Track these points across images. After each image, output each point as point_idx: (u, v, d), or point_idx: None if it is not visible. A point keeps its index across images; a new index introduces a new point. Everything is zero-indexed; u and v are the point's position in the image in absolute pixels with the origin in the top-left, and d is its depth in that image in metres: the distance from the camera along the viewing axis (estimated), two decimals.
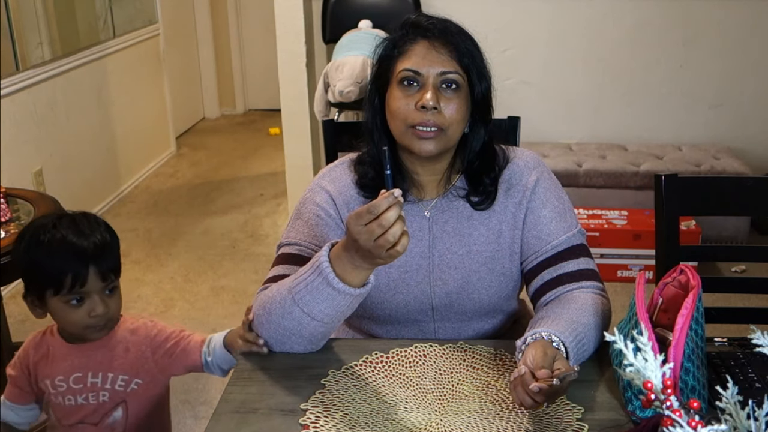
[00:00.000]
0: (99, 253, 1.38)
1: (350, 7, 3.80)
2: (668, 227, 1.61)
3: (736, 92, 3.89)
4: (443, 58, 1.34)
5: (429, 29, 1.36)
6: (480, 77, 1.37)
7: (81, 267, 1.36)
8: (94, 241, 1.38)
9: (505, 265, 1.45)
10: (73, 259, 1.36)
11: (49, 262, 1.36)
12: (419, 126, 1.33)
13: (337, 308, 1.25)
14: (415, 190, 1.45)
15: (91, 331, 1.41)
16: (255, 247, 3.76)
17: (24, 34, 3.40)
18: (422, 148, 1.35)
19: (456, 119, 1.35)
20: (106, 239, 1.41)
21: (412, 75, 1.34)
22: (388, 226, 1.12)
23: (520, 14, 3.85)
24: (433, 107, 1.32)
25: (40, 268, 1.37)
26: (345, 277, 1.21)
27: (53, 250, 1.36)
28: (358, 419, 1.18)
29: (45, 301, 1.39)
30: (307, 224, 1.43)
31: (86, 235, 1.38)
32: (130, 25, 4.51)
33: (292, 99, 3.67)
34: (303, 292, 1.24)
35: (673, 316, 1.17)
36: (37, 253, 1.38)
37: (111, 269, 1.40)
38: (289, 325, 1.29)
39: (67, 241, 1.37)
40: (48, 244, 1.37)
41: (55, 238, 1.37)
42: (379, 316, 1.47)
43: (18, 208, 2.34)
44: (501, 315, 1.51)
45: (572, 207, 1.49)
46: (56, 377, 1.44)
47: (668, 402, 0.85)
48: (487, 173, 1.43)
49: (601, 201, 3.52)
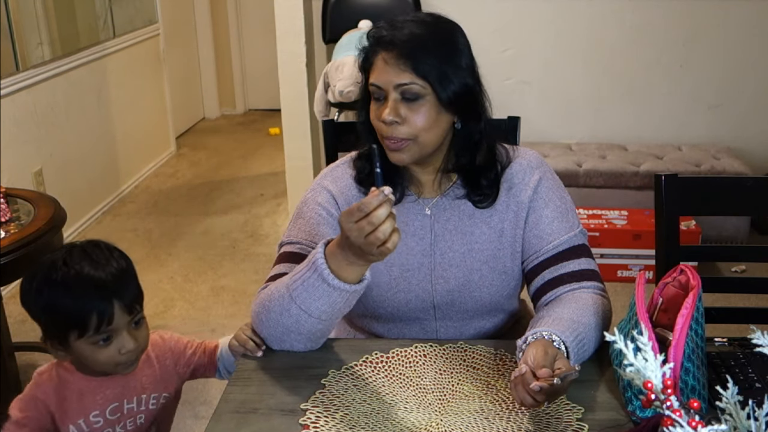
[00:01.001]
0: (120, 284, 1.27)
1: (350, 7, 3.80)
2: (668, 227, 1.61)
3: (736, 92, 3.89)
4: (398, 70, 1.32)
5: (387, 42, 1.33)
6: (444, 82, 1.32)
7: (105, 304, 1.25)
8: (111, 271, 1.27)
9: (506, 264, 1.45)
10: (94, 296, 1.25)
11: (68, 302, 1.24)
12: (386, 139, 1.35)
13: (334, 305, 1.25)
14: (415, 188, 1.46)
15: (123, 367, 1.31)
16: (255, 247, 3.76)
17: (24, 34, 3.40)
18: (395, 158, 1.37)
19: (423, 127, 1.33)
20: (123, 266, 1.30)
21: (376, 89, 1.35)
22: (378, 224, 1.13)
23: (520, 14, 3.85)
24: (392, 121, 1.32)
25: (60, 311, 1.25)
26: (340, 273, 1.21)
27: (71, 289, 1.25)
28: (358, 419, 1.18)
29: (68, 344, 1.28)
30: (308, 223, 1.43)
31: (102, 265, 1.27)
32: (130, 25, 4.51)
33: (292, 99, 3.67)
34: (300, 289, 1.25)
35: (673, 316, 1.17)
36: (53, 294, 1.25)
37: (135, 299, 1.30)
38: (288, 323, 1.29)
39: (84, 277, 1.25)
40: (64, 282, 1.25)
41: (70, 274, 1.25)
42: (381, 315, 1.47)
43: (18, 208, 2.34)
44: (502, 314, 1.51)
45: (574, 207, 1.49)
46: (91, 414, 1.34)
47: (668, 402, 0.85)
48: (483, 173, 1.43)
49: (601, 201, 3.52)
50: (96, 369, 1.32)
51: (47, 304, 1.26)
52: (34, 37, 3.51)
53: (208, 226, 4.04)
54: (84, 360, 1.30)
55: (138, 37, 4.62)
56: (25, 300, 1.29)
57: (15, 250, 2.10)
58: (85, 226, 3.94)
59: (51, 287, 1.25)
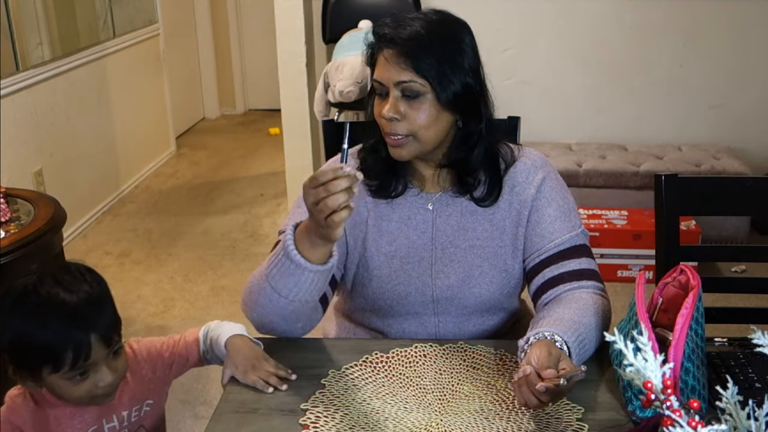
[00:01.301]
0: (96, 313, 1.18)
1: (350, 7, 3.80)
2: (668, 227, 1.61)
3: (736, 92, 3.88)
4: (399, 67, 1.33)
5: (389, 39, 1.34)
6: (444, 82, 1.33)
7: (81, 336, 1.15)
8: (86, 299, 1.17)
9: (507, 262, 1.45)
10: (69, 328, 1.15)
11: (41, 335, 1.14)
12: (387, 135, 1.36)
13: (299, 284, 1.26)
14: (418, 183, 1.47)
15: (101, 399, 1.23)
16: (255, 247, 3.76)
17: (24, 34, 3.40)
18: (394, 153, 1.38)
19: (424, 125, 1.34)
20: (98, 292, 1.20)
21: (379, 85, 1.37)
22: (333, 192, 1.15)
23: (520, 14, 3.85)
24: (392, 117, 1.34)
25: (31, 344, 1.15)
26: (304, 253, 1.24)
27: (44, 320, 1.14)
28: (358, 419, 1.18)
29: (40, 378, 1.18)
30: (306, 213, 1.44)
31: (76, 292, 1.17)
32: (130, 25, 4.51)
33: (292, 99, 3.67)
34: (272, 268, 1.28)
35: (673, 316, 1.17)
36: (23, 326, 1.15)
37: (113, 329, 1.21)
38: (263, 302, 1.31)
39: (57, 306, 1.15)
40: (35, 313, 1.14)
41: (42, 304, 1.15)
42: (381, 307, 1.47)
43: (18, 208, 2.34)
44: (502, 313, 1.51)
45: (576, 208, 1.49)
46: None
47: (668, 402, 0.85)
48: (476, 172, 1.43)
49: (601, 201, 3.52)
50: (71, 402, 1.24)
51: (17, 336, 1.16)
52: (34, 37, 3.51)
53: (208, 226, 4.04)
54: (58, 394, 1.22)
55: (138, 37, 4.62)
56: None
57: (15, 250, 2.09)
58: (85, 226, 3.94)
59: (21, 318, 1.15)
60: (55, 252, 2.31)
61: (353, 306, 1.51)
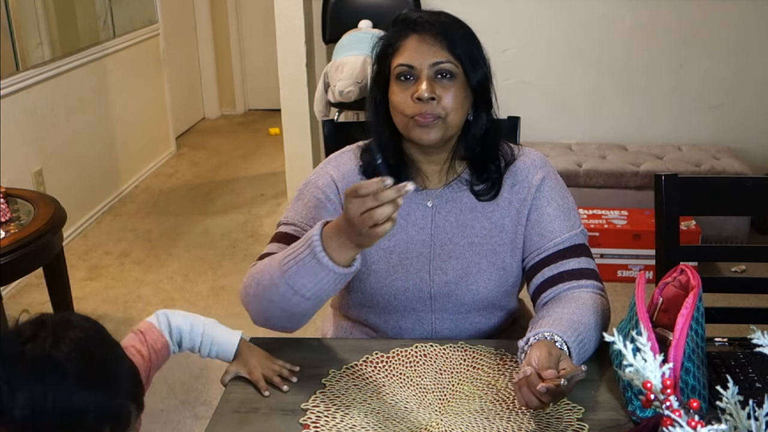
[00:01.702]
0: (137, 384, 1.06)
1: (350, 7, 3.80)
2: (668, 227, 1.61)
3: (736, 92, 3.88)
4: (434, 48, 1.36)
5: (418, 23, 1.39)
6: (474, 64, 1.39)
7: (127, 408, 1.01)
8: (130, 367, 1.04)
9: (505, 260, 1.46)
10: (113, 399, 1.00)
11: (86, 406, 0.97)
12: (418, 115, 1.36)
13: (320, 284, 1.24)
14: (420, 180, 1.47)
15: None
16: (255, 247, 3.76)
17: (24, 34, 3.40)
18: (423, 136, 1.38)
19: (454, 107, 1.37)
20: (123, 354, 1.07)
21: (407, 69, 1.37)
22: (382, 202, 1.13)
23: (520, 14, 3.85)
24: (429, 98, 1.34)
25: (72, 415, 0.97)
26: (331, 254, 1.21)
27: (92, 392, 0.97)
28: (358, 419, 1.18)
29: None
30: (306, 207, 1.46)
31: (120, 358, 1.04)
32: (130, 25, 4.51)
33: (292, 99, 3.67)
34: (291, 263, 1.25)
35: (673, 316, 1.17)
36: (72, 397, 0.96)
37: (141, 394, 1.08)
38: (274, 297, 1.28)
39: (103, 376, 1.00)
40: (90, 383, 0.97)
41: (81, 373, 0.96)
42: (378, 303, 1.47)
43: (18, 208, 2.34)
44: (500, 311, 1.51)
45: (576, 208, 1.50)
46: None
47: (668, 402, 0.85)
48: (491, 160, 1.46)
49: (601, 201, 3.52)
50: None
51: (50, 408, 0.95)
52: (34, 37, 3.51)
53: (208, 226, 4.04)
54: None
55: (138, 37, 4.61)
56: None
57: (15, 250, 2.10)
58: (85, 226, 3.94)
59: (65, 390, 0.96)
60: (55, 252, 2.31)
61: (350, 301, 1.51)
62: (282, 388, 1.26)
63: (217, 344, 1.35)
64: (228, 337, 1.35)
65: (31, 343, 0.98)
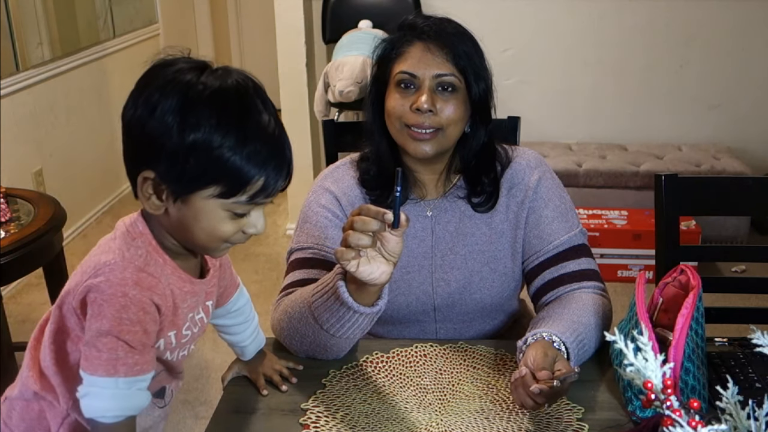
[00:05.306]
0: (291, 156, 1.01)
1: (350, 7, 3.80)
2: (668, 227, 1.61)
3: (736, 92, 3.89)
4: (438, 60, 1.34)
5: (425, 31, 1.36)
6: (477, 78, 1.36)
7: (278, 174, 0.97)
8: (287, 140, 1.00)
9: (506, 265, 1.45)
10: (275, 156, 0.97)
11: (240, 160, 0.94)
12: (414, 127, 1.34)
13: (354, 326, 1.24)
14: (417, 189, 1.46)
15: (222, 251, 1.05)
16: (255, 247, 3.76)
17: (24, 34, 3.40)
18: (417, 149, 1.36)
19: (453, 120, 1.35)
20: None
21: (408, 77, 1.35)
22: (360, 229, 1.11)
23: (520, 14, 3.85)
24: (428, 110, 1.32)
25: (222, 163, 0.94)
26: (354, 296, 1.20)
27: (253, 144, 0.94)
28: (358, 419, 1.18)
29: (188, 199, 0.97)
30: (315, 227, 1.43)
31: (283, 133, 1.00)
32: (130, 25, 4.51)
33: (292, 99, 3.67)
34: (321, 309, 1.23)
35: (673, 316, 1.17)
36: (225, 142, 0.94)
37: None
38: (304, 331, 1.29)
39: (272, 136, 0.97)
40: (250, 133, 0.94)
41: (261, 128, 0.96)
42: (381, 317, 1.47)
43: (18, 208, 2.34)
44: (502, 315, 1.51)
45: (573, 207, 1.49)
46: (183, 326, 1.08)
47: (668, 402, 0.85)
48: (486, 173, 1.43)
49: (601, 201, 3.52)
50: (190, 242, 1.02)
51: (215, 155, 0.93)
52: (34, 37, 3.51)
53: None
54: (191, 223, 0.99)
55: (138, 37, 4.61)
56: (162, 124, 1.01)
57: (15, 250, 2.09)
58: (85, 226, 3.94)
59: (226, 133, 0.94)
60: (55, 252, 2.31)
61: None
62: (281, 388, 1.26)
63: (257, 342, 1.33)
64: (262, 338, 1.35)
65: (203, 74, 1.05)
